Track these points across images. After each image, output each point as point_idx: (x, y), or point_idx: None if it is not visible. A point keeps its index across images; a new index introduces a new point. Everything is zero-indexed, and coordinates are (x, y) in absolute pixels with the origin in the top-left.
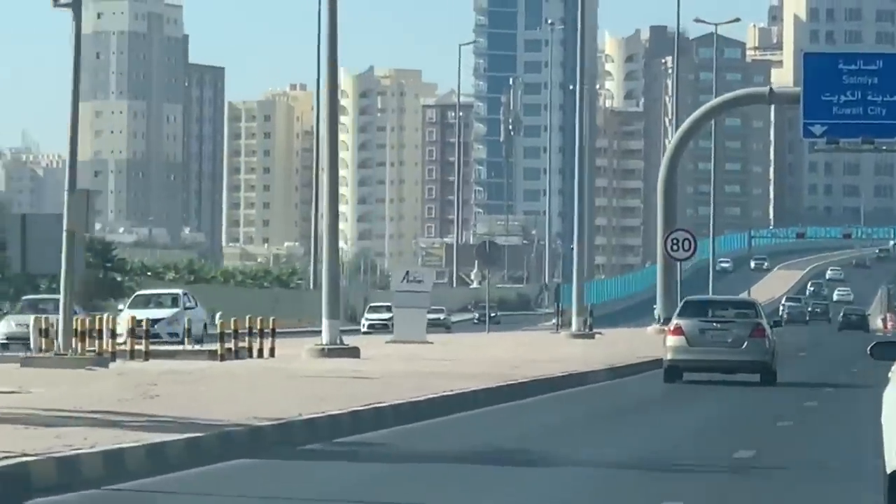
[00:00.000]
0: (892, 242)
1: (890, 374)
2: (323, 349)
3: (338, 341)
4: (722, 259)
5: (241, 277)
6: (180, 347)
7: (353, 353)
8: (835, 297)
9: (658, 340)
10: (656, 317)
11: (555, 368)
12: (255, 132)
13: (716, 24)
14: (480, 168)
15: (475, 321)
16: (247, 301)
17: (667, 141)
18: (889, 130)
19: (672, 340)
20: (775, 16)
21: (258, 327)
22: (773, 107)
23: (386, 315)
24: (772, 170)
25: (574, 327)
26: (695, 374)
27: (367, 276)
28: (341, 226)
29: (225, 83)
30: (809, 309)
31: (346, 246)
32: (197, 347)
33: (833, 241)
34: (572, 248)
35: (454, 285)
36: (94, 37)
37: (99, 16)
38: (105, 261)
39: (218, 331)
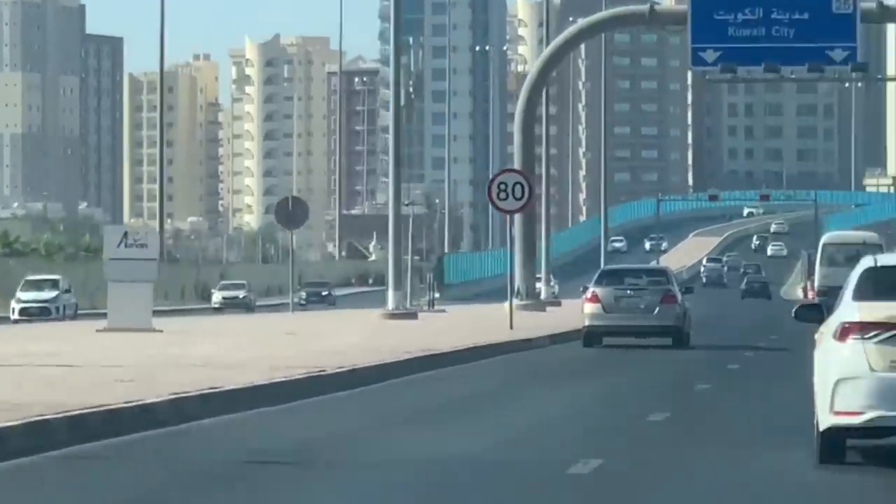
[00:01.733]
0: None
1: (816, 336)
2: None
3: None
4: (614, 238)
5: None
6: None
7: None
8: (769, 252)
9: (501, 320)
10: (516, 290)
11: (194, 381)
12: (157, 104)
13: None
14: (386, 136)
15: (301, 301)
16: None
17: (580, 105)
18: (798, 55)
19: (589, 307)
20: None
21: None
22: (690, 73)
23: (47, 294)
24: (690, 133)
25: (391, 305)
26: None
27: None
28: (247, 200)
29: (124, 54)
30: (741, 270)
31: (251, 220)
32: None
33: (751, 206)
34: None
35: (337, 257)
36: None
37: None
38: None
39: None
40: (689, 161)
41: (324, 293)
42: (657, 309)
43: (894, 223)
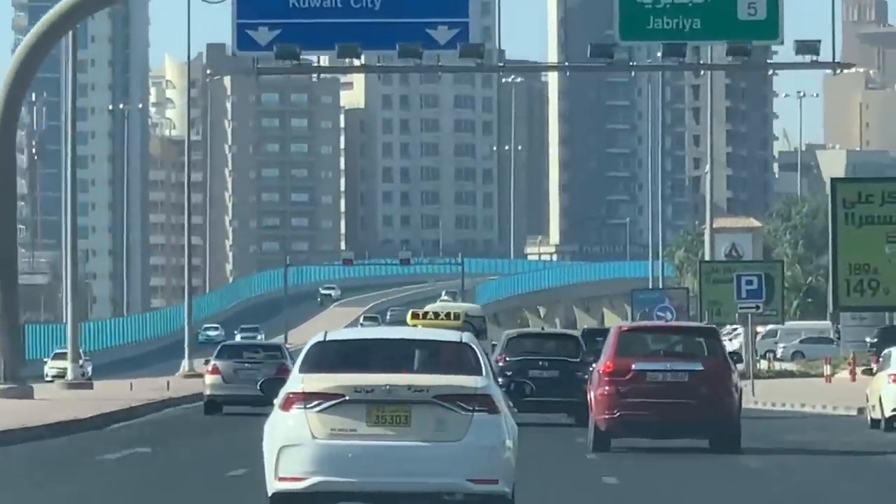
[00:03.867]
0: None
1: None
2: None
3: None
4: (209, 326)
5: None
6: None
7: None
8: None
9: None
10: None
11: None
12: None
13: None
14: (21, 203)
15: None
16: None
17: (227, 170)
18: (387, 35)
19: (210, 378)
20: None
21: None
22: (343, 134)
23: None
24: (343, 200)
25: None
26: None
27: None
28: None
29: None
30: None
31: None
32: None
33: (398, 276)
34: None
35: None
36: None
37: None
38: None
39: None
40: (342, 229)
41: None
42: None
43: (553, 291)
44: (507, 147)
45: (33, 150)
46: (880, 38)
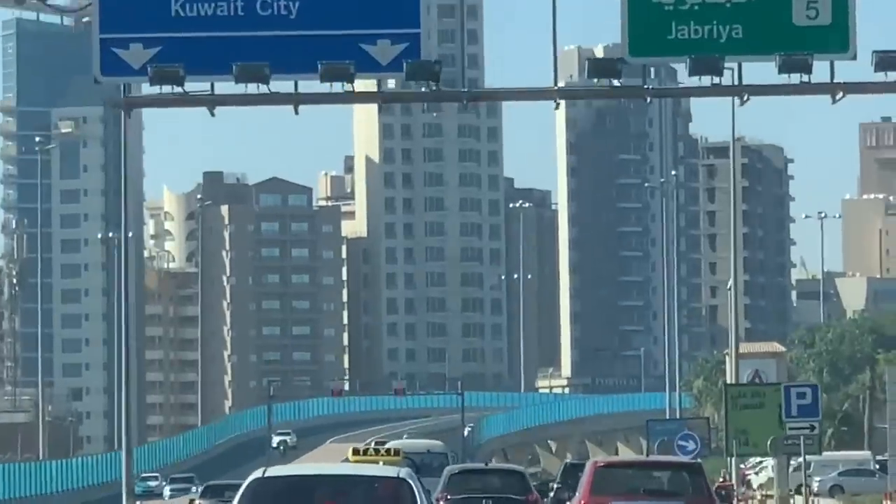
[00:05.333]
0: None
1: None
2: None
3: None
4: (146, 475)
5: None
6: None
7: None
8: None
9: None
10: None
11: None
12: None
13: None
14: (10, 340)
15: None
16: None
17: (225, 303)
18: (308, 53)
19: None
20: (351, 166)
21: None
22: (345, 264)
23: None
24: (346, 334)
25: None
26: None
27: None
28: None
29: None
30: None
31: None
32: None
33: (401, 410)
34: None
35: None
36: None
37: None
38: None
39: None
40: (346, 363)
41: None
42: None
43: (564, 425)
44: (515, 276)
45: (14, 282)
46: None
